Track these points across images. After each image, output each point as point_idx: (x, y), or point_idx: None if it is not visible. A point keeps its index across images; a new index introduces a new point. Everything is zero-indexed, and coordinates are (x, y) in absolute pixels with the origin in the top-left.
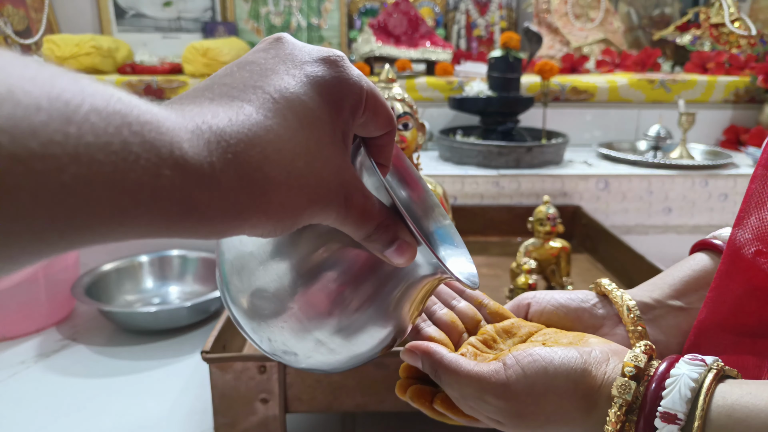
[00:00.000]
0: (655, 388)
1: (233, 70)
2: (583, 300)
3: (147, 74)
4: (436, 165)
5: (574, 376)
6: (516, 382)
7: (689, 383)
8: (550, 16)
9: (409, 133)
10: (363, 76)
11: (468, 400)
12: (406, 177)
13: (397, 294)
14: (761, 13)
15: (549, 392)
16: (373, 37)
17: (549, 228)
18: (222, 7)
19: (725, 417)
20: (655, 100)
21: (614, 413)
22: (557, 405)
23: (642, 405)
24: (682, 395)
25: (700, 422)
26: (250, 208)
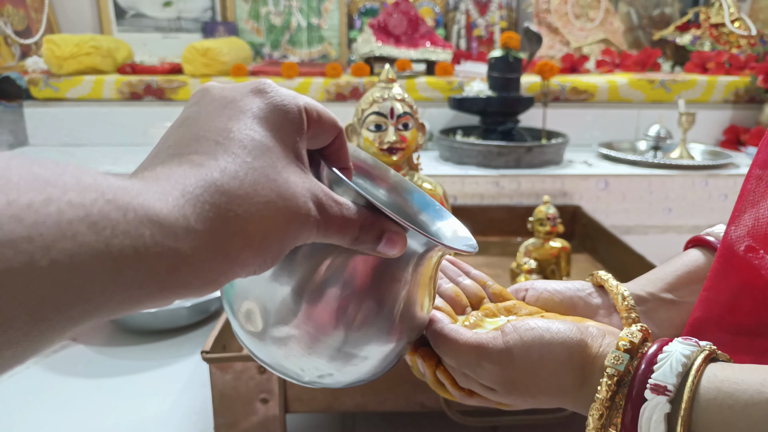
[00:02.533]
0: (647, 363)
1: (174, 131)
2: (579, 289)
3: (147, 74)
4: (436, 165)
5: (570, 345)
6: (513, 348)
7: (681, 359)
8: (550, 16)
9: (409, 133)
10: (296, 94)
11: (464, 368)
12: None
13: (406, 281)
14: (761, 13)
15: (545, 360)
16: (373, 37)
17: (549, 228)
18: (222, 7)
19: (714, 391)
20: (655, 100)
21: (606, 383)
22: (552, 374)
23: (633, 377)
24: (672, 369)
25: (690, 394)
26: (235, 247)
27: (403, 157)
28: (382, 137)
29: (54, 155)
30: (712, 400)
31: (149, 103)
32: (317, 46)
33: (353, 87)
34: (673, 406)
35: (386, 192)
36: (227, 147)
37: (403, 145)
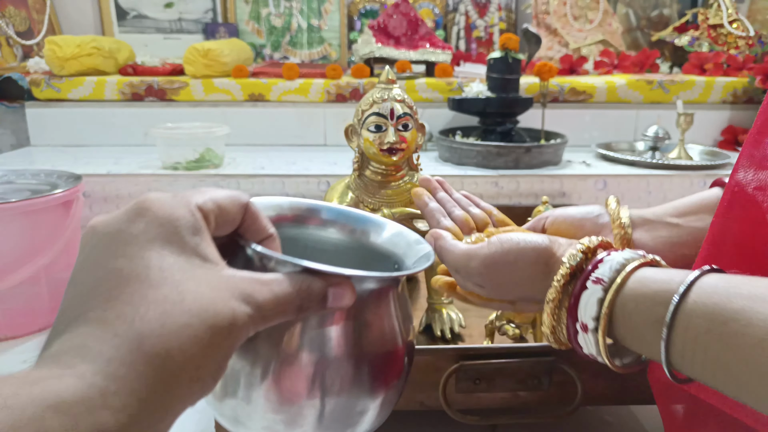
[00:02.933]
0: (595, 263)
1: (72, 286)
2: (589, 212)
3: (148, 75)
4: (435, 165)
5: (539, 249)
6: (494, 252)
7: (620, 260)
8: (549, 18)
9: (409, 133)
10: (186, 195)
11: (460, 272)
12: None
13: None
14: (759, 14)
15: (519, 261)
16: (373, 38)
17: None
18: (223, 8)
19: (638, 284)
20: (653, 100)
21: (561, 273)
22: (524, 271)
23: (583, 272)
24: (611, 267)
25: (618, 286)
26: (167, 391)
27: (403, 158)
28: (382, 138)
29: (55, 156)
30: (634, 290)
31: (151, 104)
32: (318, 47)
33: (353, 88)
34: (605, 294)
35: (327, 226)
36: (123, 290)
37: (403, 145)
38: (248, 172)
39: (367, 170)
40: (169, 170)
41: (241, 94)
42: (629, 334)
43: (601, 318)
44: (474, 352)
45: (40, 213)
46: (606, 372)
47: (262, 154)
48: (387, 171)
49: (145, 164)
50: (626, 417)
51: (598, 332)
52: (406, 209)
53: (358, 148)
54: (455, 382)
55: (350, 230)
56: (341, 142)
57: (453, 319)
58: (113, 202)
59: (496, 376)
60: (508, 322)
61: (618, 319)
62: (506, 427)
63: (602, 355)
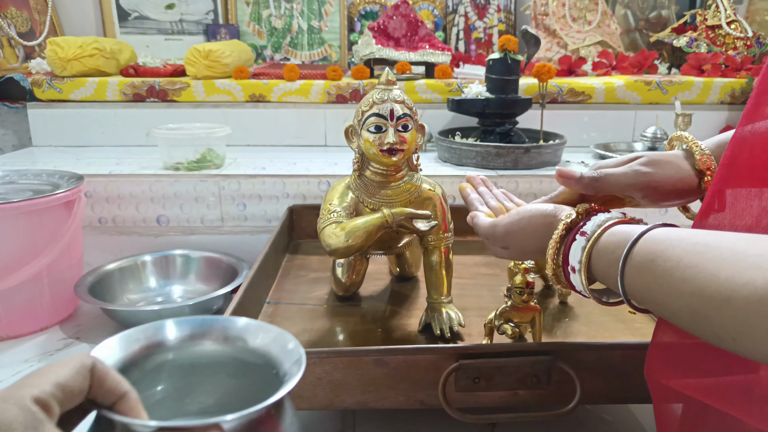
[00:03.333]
0: (584, 221)
1: None
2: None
3: (150, 76)
4: (435, 166)
5: (546, 212)
6: (512, 219)
7: (602, 219)
8: (547, 19)
9: (409, 134)
10: (13, 390)
11: (489, 239)
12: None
13: None
14: (757, 15)
15: (530, 222)
16: (373, 39)
17: None
18: (224, 9)
19: (610, 235)
20: (651, 101)
21: (559, 228)
22: (535, 229)
23: (575, 227)
24: (594, 223)
25: (596, 237)
26: None
27: (403, 158)
28: (382, 138)
29: (57, 156)
30: (606, 240)
31: (152, 104)
32: (318, 48)
33: (353, 89)
34: (587, 243)
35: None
36: None
37: (403, 146)
38: (249, 173)
39: (367, 171)
40: (171, 170)
41: (242, 95)
42: (603, 274)
43: (583, 261)
44: (473, 351)
45: (42, 213)
46: (605, 371)
47: (263, 154)
48: (387, 171)
49: (146, 164)
50: (625, 416)
51: (582, 272)
52: (406, 209)
53: (358, 149)
54: (455, 381)
55: (224, 338)
56: (341, 143)
57: (452, 318)
58: (115, 203)
59: (495, 375)
60: (507, 322)
61: (594, 263)
62: (505, 425)
63: (586, 291)
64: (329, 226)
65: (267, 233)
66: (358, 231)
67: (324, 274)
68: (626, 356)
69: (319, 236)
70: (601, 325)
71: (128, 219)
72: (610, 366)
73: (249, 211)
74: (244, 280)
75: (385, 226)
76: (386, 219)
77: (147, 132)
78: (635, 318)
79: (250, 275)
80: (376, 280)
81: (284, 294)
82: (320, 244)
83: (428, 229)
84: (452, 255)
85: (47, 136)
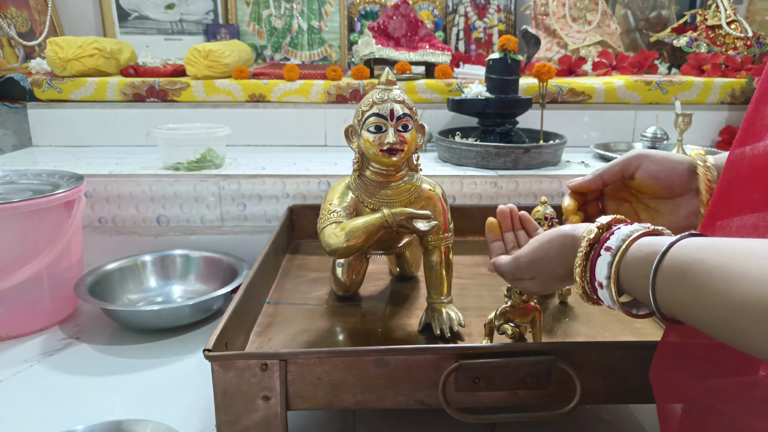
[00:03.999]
0: (607, 235)
1: None
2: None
3: (150, 76)
4: (435, 166)
5: (564, 233)
6: (532, 247)
7: (627, 232)
8: (547, 19)
9: (409, 134)
10: None
11: (515, 275)
12: None
13: None
14: (757, 15)
15: (551, 247)
16: (373, 39)
17: (546, 227)
18: (224, 9)
19: (636, 249)
20: (651, 101)
21: (582, 245)
22: (557, 252)
23: (599, 242)
24: (618, 237)
25: (622, 252)
26: None
27: (403, 158)
28: (382, 138)
29: (57, 156)
30: (632, 254)
31: (152, 104)
32: (318, 48)
33: (353, 89)
34: (613, 259)
35: None
36: None
37: (403, 146)
38: (249, 173)
39: (367, 171)
40: (171, 170)
41: (242, 94)
42: (631, 288)
43: (611, 277)
44: (473, 351)
45: (42, 213)
46: (605, 371)
47: (263, 154)
48: (387, 171)
49: (146, 164)
50: (625, 416)
51: (611, 288)
52: (406, 209)
53: (358, 149)
54: (455, 381)
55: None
56: (341, 143)
57: (452, 318)
58: (115, 203)
59: (495, 375)
60: (507, 322)
61: (623, 277)
62: (505, 425)
63: (616, 306)
64: (329, 226)
65: (267, 233)
66: (358, 231)
67: (324, 274)
68: (626, 356)
69: (319, 236)
70: (601, 325)
71: (128, 219)
72: (610, 366)
73: (249, 211)
74: (244, 280)
75: (385, 226)
76: (386, 219)
77: (147, 132)
78: None
79: (250, 275)
80: (376, 280)
81: (284, 294)
82: (320, 244)
83: (428, 229)
84: (452, 255)
85: (47, 136)
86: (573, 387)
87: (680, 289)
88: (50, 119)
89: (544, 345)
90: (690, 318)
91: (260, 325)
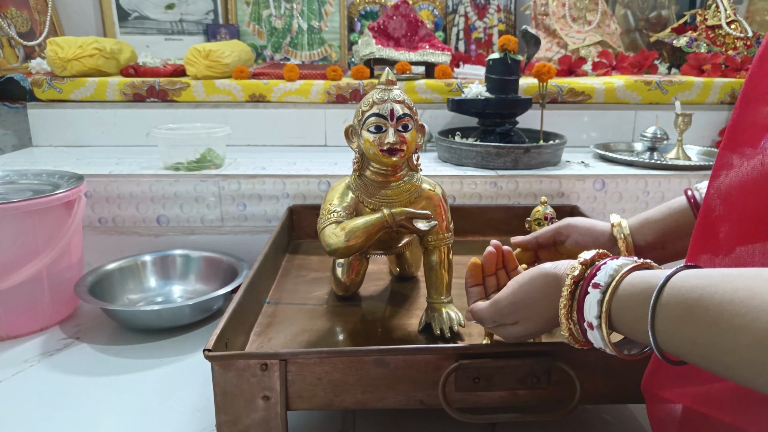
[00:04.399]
0: (594, 270)
1: None
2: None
3: (150, 76)
4: (435, 166)
5: (545, 271)
6: (512, 288)
7: (615, 267)
8: (547, 19)
9: (409, 134)
10: None
11: (496, 320)
12: None
13: None
14: (757, 15)
15: (533, 286)
16: (373, 39)
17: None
18: (224, 9)
19: (629, 285)
20: (651, 101)
21: (566, 284)
22: (539, 291)
23: (584, 280)
24: (606, 273)
25: (613, 288)
26: None
27: (403, 158)
28: (382, 138)
29: (57, 156)
30: (624, 290)
31: (152, 104)
32: (318, 48)
33: (353, 89)
34: (603, 296)
35: None
36: None
37: (403, 146)
38: (249, 173)
39: (367, 171)
40: (171, 170)
41: (242, 95)
42: (626, 327)
43: (603, 316)
44: (473, 351)
45: (42, 213)
46: (605, 371)
47: (263, 154)
48: (387, 171)
49: (146, 165)
50: (625, 416)
51: (602, 328)
52: (406, 209)
53: (359, 149)
54: (455, 381)
55: None
56: (341, 143)
57: (452, 318)
58: (115, 203)
59: (495, 375)
60: None
61: (615, 315)
62: (505, 425)
63: (609, 348)
64: (329, 226)
65: (267, 233)
66: (358, 231)
67: (324, 274)
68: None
69: (319, 236)
70: None
71: (128, 219)
72: (610, 366)
73: (249, 211)
74: (244, 280)
75: (385, 226)
76: (386, 219)
77: (147, 132)
78: None
79: (250, 275)
80: (376, 280)
81: (284, 294)
82: (320, 244)
83: (428, 229)
84: (452, 255)
85: (47, 136)
86: (573, 387)
87: (689, 329)
88: (50, 119)
89: (544, 345)
90: (699, 358)
91: (260, 325)
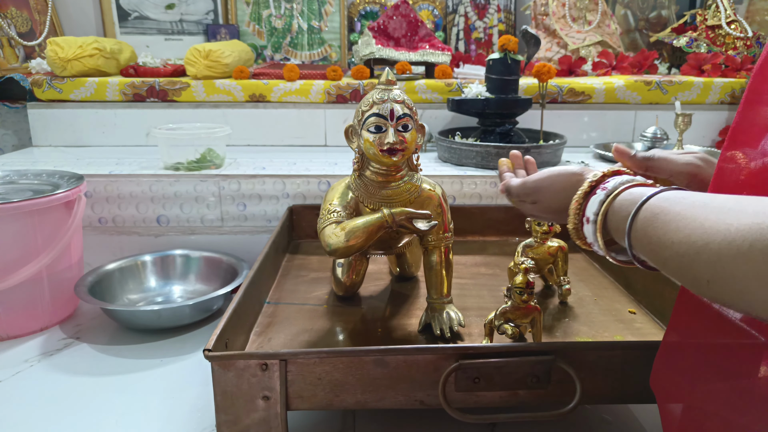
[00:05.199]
0: (608, 179)
1: None
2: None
3: (150, 76)
4: (435, 166)
5: (573, 172)
6: (540, 176)
7: (623, 179)
8: (547, 19)
9: (409, 134)
10: None
11: (520, 196)
12: None
13: None
14: (757, 15)
15: (557, 179)
16: (373, 39)
17: (546, 228)
18: (224, 9)
19: (627, 194)
20: (651, 101)
21: (584, 186)
22: (561, 185)
23: (598, 184)
24: (614, 183)
25: (615, 194)
26: None
27: (403, 158)
28: (382, 138)
29: (57, 156)
30: (622, 198)
31: (152, 104)
32: (318, 48)
33: (353, 89)
34: (605, 198)
35: None
36: None
37: (403, 146)
38: (249, 173)
39: (367, 171)
40: (171, 170)
41: (242, 95)
42: (614, 228)
43: (599, 213)
44: (473, 351)
45: (43, 213)
46: (605, 371)
47: (263, 154)
48: (387, 171)
49: (146, 164)
50: (625, 416)
51: (596, 224)
52: (406, 209)
53: (359, 149)
54: (455, 381)
55: None
56: (341, 143)
57: (452, 318)
58: (115, 203)
59: (495, 375)
60: (507, 322)
61: (610, 217)
62: (505, 425)
63: (598, 242)
64: (329, 226)
65: (267, 233)
66: (358, 231)
67: (324, 274)
68: (626, 356)
69: (319, 236)
70: (601, 325)
71: (128, 219)
72: (610, 366)
73: (249, 211)
74: (244, 280)
75: (385, 226)
76: (386, 219)
77: (147, 132)
78: (635, 318)
79: (250, 275)
80: (376, 280)
81: (284, 294)
82: (320, 244)
83: (428, 229)
84: (452, 255)
85: (47, 136)
86: (573, 387)
87: (649, 230)
88: (50, 119)
89: (544, 345)
90: (652, 256)
91: (260, 325)
